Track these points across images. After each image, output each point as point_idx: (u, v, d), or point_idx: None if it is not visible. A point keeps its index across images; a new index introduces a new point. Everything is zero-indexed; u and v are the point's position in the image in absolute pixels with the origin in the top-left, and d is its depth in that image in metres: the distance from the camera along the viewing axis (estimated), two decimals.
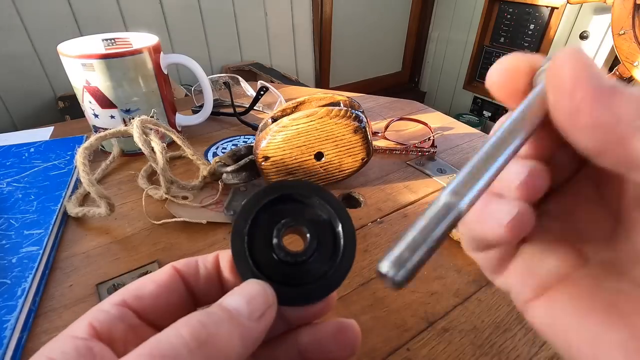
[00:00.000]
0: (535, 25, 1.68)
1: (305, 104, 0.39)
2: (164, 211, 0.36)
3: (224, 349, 0.12)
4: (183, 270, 0.15)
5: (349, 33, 1.94)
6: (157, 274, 0.15)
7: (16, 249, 0.30)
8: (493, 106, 1.98)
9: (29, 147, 0.44)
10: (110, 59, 0.40)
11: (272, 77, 1.48)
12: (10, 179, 0.39)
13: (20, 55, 1.15)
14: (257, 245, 0.15)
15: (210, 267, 0.16)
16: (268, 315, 0.13)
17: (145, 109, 0.44)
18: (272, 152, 0.36)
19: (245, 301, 0.13)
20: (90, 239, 0.33)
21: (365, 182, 0.41)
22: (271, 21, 1.64)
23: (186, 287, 0.15)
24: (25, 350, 0.24)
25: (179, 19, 1.40)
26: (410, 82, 2.41)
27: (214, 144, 0.49)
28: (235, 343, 0.12)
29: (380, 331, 0.26)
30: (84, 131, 0.49)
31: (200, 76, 0.47)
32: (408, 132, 0.52)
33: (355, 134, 0.36)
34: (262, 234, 0.15)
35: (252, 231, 0.15)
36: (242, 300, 0.13)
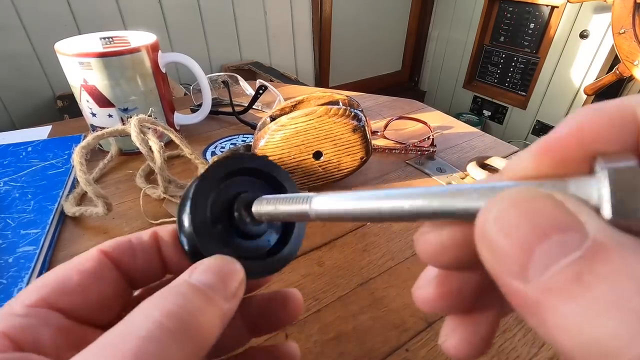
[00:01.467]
0: (535, 24, 1.68)
1: (304, 103, 0.39)
2: (162, 210, 0.36)
3: (206, 332, 0.10)
4: (113, 253, 0.14)
5: (348, 32, 1.94)
6: (80, 262, 0.13)
7: (13, 248, 0.30)
8: (493, 105, 1.98)
9: (27, 146, 0.44)
10: (107, 58, 0.39)
11: (271, 76, 1.47)
12: (8, 178, 0.38)
13: (18, 54, 1.15)
14: (214, 218, 0.14)
15: (148, 244, 0.14)
16: (240, 291, 0.12)
17: (143, 108, 0.44)
18: (271, 151, 0.36)
19: (218, 279, 0.12)
20: (88, 238, 0.33)
21: (364, 182, 0.41)
22: (271, 20, 1.63)
23: (119, 271, 0.14)
24: None
25: (178, 17, 1.40)
26: (410, 82, 2.40)
27: (212, 143, 0.49)
28: (216, 323, 0.11)
29: (379, 331, 0.26)
30: (82, 130, 0.49)
31: (198, 75, 0.46)
32: (407, 131, 0.52)
33: (354, 133, 0.36)
34: (218, 207, 0.14)
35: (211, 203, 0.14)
36: (215, 278, 0.12)
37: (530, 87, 1.77)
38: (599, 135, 0.08)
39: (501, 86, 1.92)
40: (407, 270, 0.30)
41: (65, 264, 0.13)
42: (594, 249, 0.07)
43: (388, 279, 0.29)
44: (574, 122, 0.09)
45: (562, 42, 1.60)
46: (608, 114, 0.08)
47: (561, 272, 0.07)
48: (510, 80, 1.86)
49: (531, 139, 1.85)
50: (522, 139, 1.88)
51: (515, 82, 1.85)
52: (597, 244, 0.07)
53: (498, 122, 1.98)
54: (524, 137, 1.88)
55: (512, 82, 1.86)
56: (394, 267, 0.30)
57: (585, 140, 0.08)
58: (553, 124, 1.73)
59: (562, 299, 0.07)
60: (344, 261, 0.31)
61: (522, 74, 1.81)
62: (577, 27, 1.54)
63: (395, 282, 0.29)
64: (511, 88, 1.88)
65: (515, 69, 1.82)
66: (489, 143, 0.50)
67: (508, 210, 0.08)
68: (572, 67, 1.60)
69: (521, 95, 1.84)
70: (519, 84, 1.84)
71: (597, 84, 1.33)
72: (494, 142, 0.50)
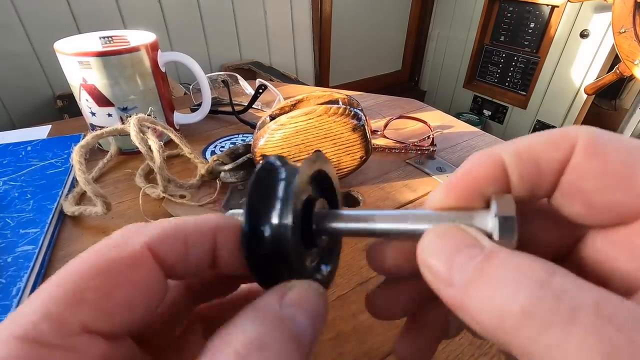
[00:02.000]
0: (535, 24, 1.67)
1: (303, 102, 0.39)
2: (162, 210, 0.36)
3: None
4: (166, 255, 0.11)
5: (348, 32, 1.94)
6: (123, 267, 0.10)
7: (12, 248, 0.30)
8: (493, 105, 1.98)
9: (26, 146, 0.44)
10: (107, 57, 0.39)
11: (271, 75, 1.47)
12: (7, 178, 0.38)
13: (18, 53, 1.15)
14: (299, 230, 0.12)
15: (207, 248, 0.12)
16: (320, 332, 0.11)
17: (143, 107, 0.43)
18: (270, 150, 0.36)
19: (310, 322, 0.10)
20: (87, 238, 0.33)
21: (364, 181, 0.41)
22: (270, 19, 1.63)
23: (164, 273, 0.11)
24: None
25: (177, 16, 1.40)
26: (410, 81, 2.40)
27: (212, 142, 0.49)
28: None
29: (379, 331, 0.25)
30: (82, 129, 0.49)
31: (198, 74, 0.46)
32: (407, 131, 0.52)
33: (354, 132, 0.36)
34: (300, 216, 0.12)
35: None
36: (307, 320, 0.10)
37: (531, 87, 1.77)
38: (482, 177, 0.12)
39: (501, 86, 1.91)
40: None
41: (96, 268, 0.10)
42: (489, 254, 0.10)
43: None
44: (466, 167, 0.12)
45: (562, 42, 1.60)
46: (486, 161, 0.12)
47: (472, 271, 0.10)
48: (511, 79, 1.86)
49: None
50: None
51: (516, 82, 1.85)
52: (490, 251, 0.10)
53: (498, 121, 1.98)
54: None
55: (512, 81, 1.86)
56: None
57: (473, 182, 0.12)
58: (553, 124, 1.73)
59: (474, 288, 0.09)
60: (343, 260, 0.31)
61: (522, 74, 1.81)
62: (577, 27, 1.54)
63: None
64: (511, 87, 1.88)
65: (516, 68, 1.82)
66: (489, 142, 0.50)
67: (435, 240, 0.11)
68: (573, 66, 1.59)
69: (521, 95, 1.84)
70: (519, 84, 1.84)
71: (598, 84, 1.33)
72: (494, 141, 0.50)
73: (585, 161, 0.11)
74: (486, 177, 0.12)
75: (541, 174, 0.11)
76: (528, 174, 0.11)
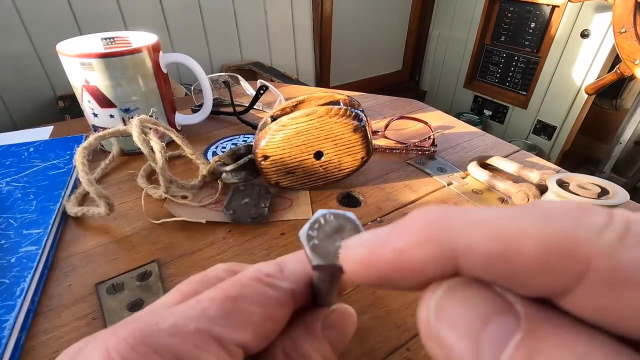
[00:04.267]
0: (536, 24, 1.67)
1: (304, 103, 0.39)
2: (164, 210, 0.36)
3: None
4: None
5: (349, 32, 1.94)
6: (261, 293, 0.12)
7: (15, 248, 0.30)
8: (494, 105, 1.98)
9: (28, 147, 0.44)
10: (109, 58, 0.40)
11: (272, 76, 1.48)
12: (10, 179, 0.38)
13: (20, 55, 1.15)
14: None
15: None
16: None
17: (145, 108, 0.44)
18: (272, 151, 0.36)
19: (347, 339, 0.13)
20: (90, 238, 0.33)
21: (365, 181, 0.41)
22: (271, 20, 1.63)
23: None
24: (24, 350, 0.24)
25: (179, 18, 1.40)
26: (411, 81, 2.40)
27: (213, 143, 0.49)
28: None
29: (380, 330, 0.26)
30: (84, 130, 0.49)
31: (199, 75, 0.46)
32: (408, 131, 0.52)
33: (355, 133, 0.36)
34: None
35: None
36: (345, 341, 0.14)
37: (531, 87, 1.77)
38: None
39: (502, 86, 1.92)
40: None
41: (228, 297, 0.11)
42: (530, 328, 0.07)
43: None
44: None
45: (563, 42, 1.60)
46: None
47: (512, 357, 0.07)
48: (511, 79, 1.86)
49: (532, 138, 1.85)
50: (523, 138, 1.88)
51: (516, 82, 1.85)
52: (530, 322, 0.07)
53: (499, 121, 1.98)
54: (525, 137, 1.88)
55: (512, 81, 1.86)
56: None
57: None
58: (554, 124, 1.73)
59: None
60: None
61: (522, 74, 1.81)
62: (578, 27, 1.54)
63: None
64: (512, 87, 1.88)
65: (516, 68, 1.82)
66: (489, 143, 0.50)
67: (447, 298, 0.08)
68: (573, 66, 1.59)
69: (522, 95, 1.84)
70: (519, 84, 1.84)
71: (598, 84, 1.33)
72: (495, 141, 0.50)
73: (606, 299, 0.07)
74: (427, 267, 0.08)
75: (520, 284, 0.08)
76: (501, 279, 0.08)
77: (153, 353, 0.09)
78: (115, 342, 0.10)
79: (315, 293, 0.13)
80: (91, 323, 0.26)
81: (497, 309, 0.07)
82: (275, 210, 0.37)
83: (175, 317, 0.10)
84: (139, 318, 0.11)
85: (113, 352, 0.09)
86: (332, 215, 0.12)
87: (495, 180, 0.39)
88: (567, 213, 0.07)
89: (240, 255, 0.32)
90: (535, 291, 0.07)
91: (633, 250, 0.06)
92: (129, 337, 0.10)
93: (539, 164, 0.45)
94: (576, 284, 0.07)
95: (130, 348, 0.09)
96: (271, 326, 0.12)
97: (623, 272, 0.06)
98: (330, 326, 0.13)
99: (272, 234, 0.34)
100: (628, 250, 0.06)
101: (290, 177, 0.38)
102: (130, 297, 0.28)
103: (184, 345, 0.10)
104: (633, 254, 0.06)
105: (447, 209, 0.09)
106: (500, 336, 0.07)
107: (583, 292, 0.07)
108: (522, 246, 0.07)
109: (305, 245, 0.11)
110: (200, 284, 0.13)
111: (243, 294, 0.11)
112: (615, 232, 0.07)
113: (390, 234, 0.09)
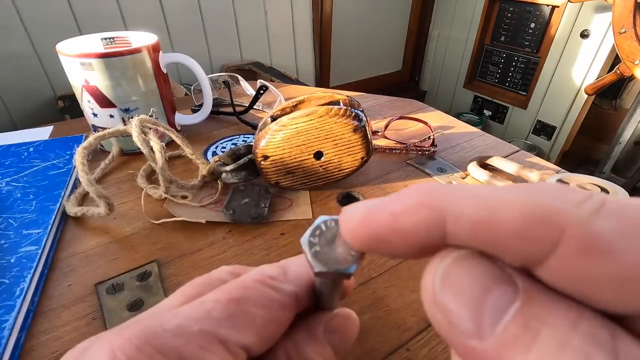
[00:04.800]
0: (535, 24, 1.68)
1: (304, 103, 0.39)
2: (163, 211, 0.36)
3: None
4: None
5: (349, 32, 1.94)
6: (263, 296, 0.12)
7: (15, 248, 0.30)
8: (493, 105, 1.98)
9: (28, 147, 0.44)
10: (109, 58, 0.40)
11: (272, 76, 1.48)
12: (9, 179, 0.38)
13: (20, 54, 1.15)
14: None
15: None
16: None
17: (145, 108, 0.44)
18: (272, 151, 0.36)
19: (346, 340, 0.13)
20: (89, 238, 0.33)
21: (365, 182, 0.41)
22: (271, 20, 1.63)
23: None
24: (23, 350, 0.24)
25: (178, 18, 1.40)
26: (411, 81, 2.40)
27: (213, 143, 0.49)
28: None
29: (380, 331, 0.26)
30: (84, 130, 0.49)
31: (199, 75, 0.46)
32: (408, 131, 0.52)
33: (354, 133, 0.36)
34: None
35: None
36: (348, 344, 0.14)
37: (531, 87, 1.77)
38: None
39: (502, 86, 1.92)
40: (408, 270, 0.30)
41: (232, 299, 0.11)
42: (527, 298, 0.08)
43: (389, 278, 0.30)
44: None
45: (562, 42, 1.60)
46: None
47: (511, 323, 0.07)
48: (511, 79, 1.87)
49: (532, 138, 1.85)
50: (523, 138, 1.88)
51: (516, 82, 1.85)
52: (527, 292, 0.08)
53: (499, 121, 1.98)
54: (525, 137, 1.88)
55: (512, 81, 1.86)
56: (395, 267, 0.31)
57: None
58: (554, 124, 1.73)
59: (519, 351, 0.07)
60: None
61: (522, 74, 1.81)
62: (577, 27, 1.54)
63: (396, 282, 0.29)
64: (512, 88, 1.88)
65: (516, 68, 1.82)
66: (489, 143, 0.50)
67: (453, 267, 0.09)
68: (573, 66, 1.60)
69: (522, 95, 1.84)
70: (519, 84, 1.84)
71: (598, 84, 1.33)
72: (495, 141, 0.50)
73: (582, 265, 0.07)
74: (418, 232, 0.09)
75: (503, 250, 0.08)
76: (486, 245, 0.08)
77: (158, 354, 0.10)
78: (121, 342, 0.10)
79: (317, 297, 0.14)
80: (91, 323, 0.26)
81: (498, 279, 0.08)
82: (275, 210, 0.37)
83: (180, 319, 0.11)
84: (143, 319, 0.11)
85: (119, 353, 0.09)
86: (334, 222, 0.12)
87: (495, 181, 0.40)
88: (552, 189, 0.08)
89: (240, 255, 0.32)
90: (516, 259, 0.08)
91: (605, 221, 0.07)
92: (134, 338, 0.10)
93: (539, 164, 0.45)
94: (552, 250, 0.07)
95: (136, 349, 0.10)
96: (274, 328, 0.12)
97: (595, 240, 0.07)
98: (333, 330, 0.13)
99: (272, 234, 0.34)
100: (601, 220, 0.07)
101: (290, 177, 0.38)
102: (130, 297, 0.28)
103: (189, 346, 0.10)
104: (605, 224, 0.07)
105: (442, 185, 0.09)
106: (500, 304, 0.08)
107: (558, 259, 0.07)
108: (505, 214, 0.08)
109: (306, 252, 0.11)
110: (203, 286, 0.13)
111: (246, 296, 0.12)
112: (591, 206, 0.07)
113: (388, 200, 0.10)
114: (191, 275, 0.30)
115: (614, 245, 0.07)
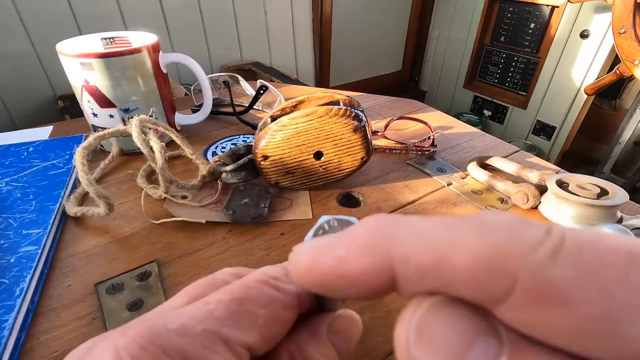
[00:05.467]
0: (535, 24, 1.68)
1: (304, 103, 0.39)
2: (163, 211, 0.36)
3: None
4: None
5: (349, 32, 1.94)
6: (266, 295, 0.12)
7: (14, 248, 0.30)
8: (493, 105, 1.98)
9: (28, 147, 0.44)
10: (109, 58, 0.40)
11: (271, 76, 1.48)
12: (9, 178, 0.38)
13: (19, 54, 1.15)
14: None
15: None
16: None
17: (144, 108, 0.44)
18: (272, 151, 0.36)
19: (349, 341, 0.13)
20: (89, 238, 0.33)
21: (365, 182, 0.41)
22: (271, 20, 1.63)
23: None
24: (23, 350, 0.24)
25: (178, 18, 1.40)
26: (411, 81, 2.40)
27: (213, 143, 0.49)
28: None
29: (379, 331, 0.26)
30: (83, 130, 0.49)
31: (199, 75, 0.46)
32: (408, 131, 0.52)
33: (354, 133, 0.36)
34: None
35: None
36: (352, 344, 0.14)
37: (531, 87, 1.77)
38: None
39: (501, 86, 1.92)
40: None
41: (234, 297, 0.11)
42: (513, 351, 0.07)
43: None
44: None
45: (562, 42, 1.60)
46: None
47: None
48: (511, 80, 1.87)
49: (531, 138, 1.85)
50: (523, 138, 1.88)
51: (516, 82, 1.85)
52: (513, 344, 0.07)
53: (498, 122, 1.98)
54: (525, 137, 1.88)
55: (512, 81, 1.86)
56: None
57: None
58: (553, 124, 1.73)
59: None
60: None
61: (522, 74, 1.81)
62: (577, 27, 1.54)
63: None
64: (511, 88, 1.88)
65: (516, 68, 1.83)
66: (489, 143, 0.50)
67: (429, 317, 0.08)
68: (573, 67, 1.60)
69: (521, 95, 1.84)
70: (519, 84, 1.84)
71: (598, 84, 1.34)
72: (495, 142, 0.50)
73: (534, 313, 0.07)
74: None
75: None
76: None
77: (162, 353, 0.10)
78: (125, 342, 0.10)
79: (320, 298, 0.14)
80: (91, 323, 0.26)
81: (479, 330, 0.07)
82: (275, 210, 0.37)
83: (183, 318, 0.11)
84: (147, 319, 0.11)
85: (123, 352, 0.09)
86: (337, 221, 0.12)
87: (495, 181, 0.40)
88: (506, 226, 0.07)
89: (240, 255, 0.32)
90: (471, 301, 0.07)
91: (560, 268, 0.06)
92: (138, 338, 0.10)
93: (539, 164, 0.45)
94: (506, 297, 0.07)
95: (140, 348, 0.10)
96: (276, 328, 0.12)
97: (548, 290, 0.06)
98: (336, 331, 0.13)
99: (272, 234, 0.34)
100: (555, 267, 0.06)
101: (290, 177, 0.38)
102: (130, 297, 0.28)
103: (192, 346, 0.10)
104: (559, 272, 0.06)
105: (392, 218, 0.09)
106: (485, 358, 0.07)
107: (509, 307, 0.07)
108: (454, 258, 0.07)
109: None
110: (207, 286, 0.13)
111: (249, 295, 0.12)
112: (548, 249, 0.07)
113: (336, 241, 0.09)
114: (191, 275, 0.30)
115: (568, 295, 0.06)
